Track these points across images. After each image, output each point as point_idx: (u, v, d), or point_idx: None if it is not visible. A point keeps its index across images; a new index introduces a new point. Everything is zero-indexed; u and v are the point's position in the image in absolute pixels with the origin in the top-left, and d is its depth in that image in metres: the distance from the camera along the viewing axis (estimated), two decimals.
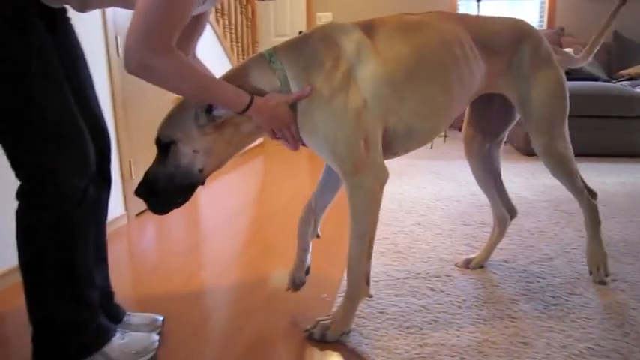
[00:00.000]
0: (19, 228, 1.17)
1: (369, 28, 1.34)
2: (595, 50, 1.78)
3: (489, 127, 1.76)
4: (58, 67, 1.15)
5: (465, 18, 1.52)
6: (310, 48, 1.28)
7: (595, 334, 1.41)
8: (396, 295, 1.65)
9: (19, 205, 1.17)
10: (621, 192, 2.91)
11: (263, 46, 5.59)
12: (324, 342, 1.40)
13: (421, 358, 1.30)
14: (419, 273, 1.81)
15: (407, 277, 1.78)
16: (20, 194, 1.16)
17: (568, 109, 1.65)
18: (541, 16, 5.61)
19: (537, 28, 5.51)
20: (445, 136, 4.82)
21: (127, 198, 2.53)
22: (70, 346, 1.21)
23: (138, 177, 2.63)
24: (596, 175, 3.33)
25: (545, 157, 1.64)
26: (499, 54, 1.53)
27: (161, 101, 2.86)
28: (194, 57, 1.43)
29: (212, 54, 3.63)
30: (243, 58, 4.26)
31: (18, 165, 1.14)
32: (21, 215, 1.16)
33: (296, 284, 1.63)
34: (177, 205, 1.30)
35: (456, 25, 1.46)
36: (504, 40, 1.53)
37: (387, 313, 1.53)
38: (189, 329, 1.50)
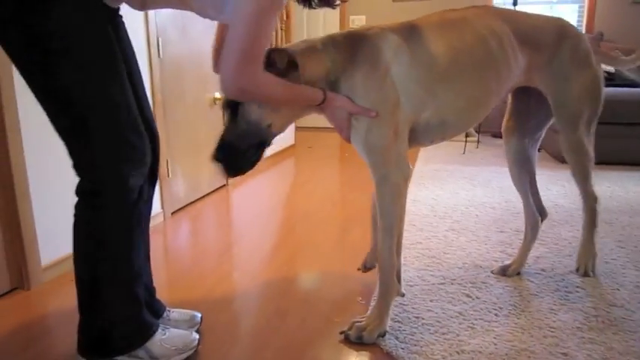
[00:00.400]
0: (79, 222, 1.20)
1: (408, 32, 1.41)
2: None
3: (528, 123, 1.80)
4: (123, 66, 1.19)
5: (507, 13, 1.57)
6: (358, 46, 1.38)
7: (638, 347, 1.38)
8: (431, 301, 1.64)
9: (80, 202, 1.20)
10: None
11: None
12: (360, 344, 1.40)
13: None
14: (454, 279, 1.80)
15: (442, 283, 1.76)
16: (81, 192, 1.19)
17: (600, 110, 1.70)
18: (580, 20, 5.48)
19: None
20: (478, 142, 4.75)
21: (164, 196, 2.58)
22: (116, 340, 1.24)
23: (174, 176, 2.69)
24: (635, 185, 3.23)
25: (569, 152, 1.71)
26: (539, 49, 1.58)
27: (198, 101, 2.91)
28: None
29: None
30: None
31: (81, 163, 1.17)
32: (81, 211, 1.20)
33: (366, 267, 1.82)
34: (252, 164, 1.36)
35: (497, 21, 1.50)
36: (545, 36, 1.59)
37: (423, 318, 1.52)
38: (224, 329, 1.52)
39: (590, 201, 1.80)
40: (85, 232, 1.20)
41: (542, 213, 1.90)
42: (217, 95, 3.06)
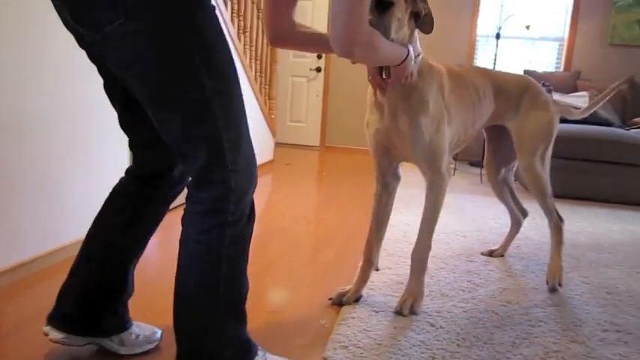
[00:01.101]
0: (197, 245, 1.15)
1: (447, 70, 1.82)
2: (592, 110, 2.31)
3: (503, 156, 2.29)
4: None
5: (489, 72, 2.07)
6: (428, 69, 1.71)
7: None
8: (395, 328, 1.63)
9: (198, 222, 1.14)
10: (628, 240, 2.89)
11: (281, 66, 5.66)
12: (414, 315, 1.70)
13: None
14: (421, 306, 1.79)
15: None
16: (202, 211, 1.13)
17: (551, 144, 2.11)
18: (558, 59, 5.65)
19: (554, 69, 5.55)
20: (455, 169, 4.81)
21: None
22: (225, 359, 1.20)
23: None
24: (604, 221, 3.31)
25: (525, 173, 2.08)
26: (509, 98, 2.05)
27: None
28: (295, 21, 1.57)
29: None
30: (261, 76, 4.31)
31: (207, 179, 1.12)
32: (200, 231, 1.14)
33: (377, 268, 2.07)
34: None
35: (482, 78, 1.97)
36: (514, 89, 2.06)
37: (386, 346, 1.51)
38: None
39: (553, 218, 2.12)
40: (206, 254, 1.15)
41: (524, 213, 2.43)
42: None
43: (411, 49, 1.55)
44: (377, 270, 2.04)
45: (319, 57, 5.79)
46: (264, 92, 4.48)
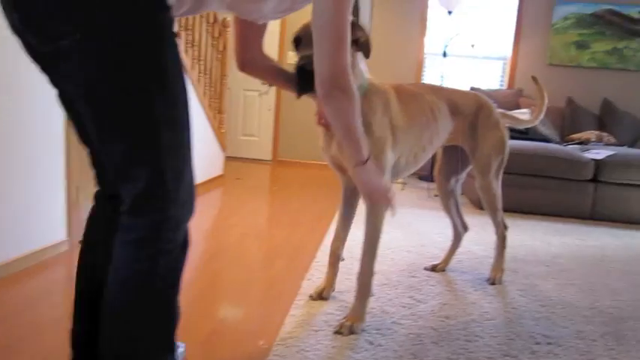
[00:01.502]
0: (129, 273, 1.09)
1: (396, 91, 1.85)
2: (540, 116, 2.45)
3: (454, 169, 2.39)
4: None
5: (443, 90, 2.10)
6: (374, 91, 1.73)
7: None
8: (333, 347, 1.62)
9: (131, 250, 1.09)
10: (565, 253, 3.00)
11: (232, 80, 5.62)
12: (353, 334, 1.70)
13: None
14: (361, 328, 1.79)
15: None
16: (135, 239, 1.08)
17: (505, 161, 2.24)
18: (503, 76, 5.87)
19: (498, 87, 5.76)
20: (404, 184, 4.90)
21: (72, 224, 2.44)
22: None
23: (84, 203, 2.55)
24: (542, 234, 3.43)
25: (482, 192, 2.23)
26: (463, 116, 2.11)
27: None
28: (263, 53, 1.58)
29: None
30: (211, 90, 4.27)
31: (143, 206, 1.07)
32: (133, 260, 1.09)
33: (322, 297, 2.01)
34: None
35: (435, 96, 2.01)
36: (468, 107, 2.12)
37: None
38: None
39: (500, 229, 2.32)
40: (136, 286, 1.09)
41: (465, 228, 2.52)
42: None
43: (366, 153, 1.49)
44: (342, 260, 2.11)
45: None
46: (214, 106, 4.43)
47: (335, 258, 2.01)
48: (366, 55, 1.66)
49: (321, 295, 1.98)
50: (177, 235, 1.13)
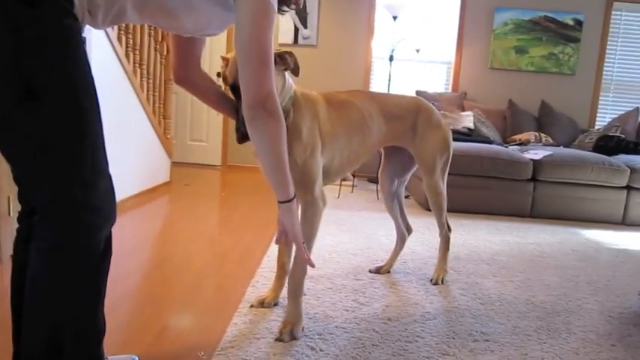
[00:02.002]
0: (45, 281, 1.06)
1: (326, 100, 1.90)
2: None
3: (397, 170, 2.44)
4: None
5: (378, 96, 2.14)
6: (303, 100, 1.76)
7: None
8: (274, 355, 1.61)
9: (45, 259, 1.07)
10: (505, 251, 3.11)
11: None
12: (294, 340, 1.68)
13: None
14: (302, 329, 1.79)
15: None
16: (48, 247, 1.06)
17: (450, 159, 2.31)
18: (447, 80, 6.04)
19: (443, 90, 5.92)
20: (353, 186, 4.94)
21: (2, 237, 2.32)
22: None
23: (15, 213, 2.43)
24: (485, 233, 3.55)
25: (428, 191, 2.30)
26: (403, 120, 2.16)
27: None
28: (201, 70, 1.59)
29: (119, 89, 3.52)
30: (154, 95, 4.17)
31: (52, 215, 1.04)
32: (47, 268, 1.06)
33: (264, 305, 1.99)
34: None
35: (368, 102, 2.06)
36: (407, 111, 2.18)
37: None
38: None
39: (444, 230, 2.40)
40: (51, 294, 1.07)
41: (409, 230, 2.56)
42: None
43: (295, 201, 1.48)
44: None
45: (219, 75, 5.71)
46: (159, 112, 4.33)
47: (283, 271, 2.00)
48: (296, 74, 1.67)
49: (263, 304, 1.97)
50: (93, 243, 1.11)
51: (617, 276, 2.75)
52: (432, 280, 2.40)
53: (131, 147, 3.77)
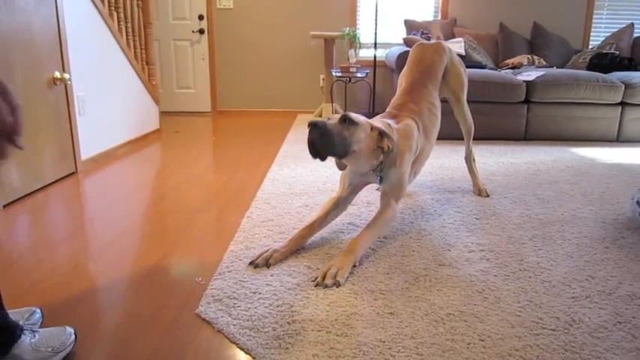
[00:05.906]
0: None
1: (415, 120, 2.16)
2: None
3: None
4: None
5: (428, 72, 2.40)
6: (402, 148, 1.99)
7: (457, 300, 1.48)
8: (272, 275, 1.62)
9: None
10: (500, 171, 3.11)
11: (159, 28, 5.36)
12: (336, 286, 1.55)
13: (287, 335, 1.29)
14: (299, 252, 1.80)
15: (286, 258, 1.76)
16: None
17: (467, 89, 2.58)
18: (436, 8, 5.84)
19: (432, 18, 5.74)
20: None
21: None
22: None
23: (7, 163, 2.39)
24: (479, 156, 3.53)
25: (460, 118, 2.62)
26: (440, 76, 2.47)
27: (32, 81, 2.62)
28: None
29: (97, 32, 3.39)
30: (133, 39, 4.02)
31: None
32: None
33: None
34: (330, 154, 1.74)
35: (425, 93, 2.32)
36: (440, 65, 2.45)
37: (260, 293, 1.50)
38: (73, 323, 1.37)
39: (472, 151, 2.67)
40: None
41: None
42: (57, 75, 2.79)
43: None
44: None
45: (200, 18, 5.52)
46: (141, 58, 4.20)
47: (299, 240, 1.82)
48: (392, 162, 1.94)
49: (267, 264, 1.70)
50: None
51: (612, 187, 2.76)
52: (478, 193, 2.59)
53: (116, 93, 3.67)
